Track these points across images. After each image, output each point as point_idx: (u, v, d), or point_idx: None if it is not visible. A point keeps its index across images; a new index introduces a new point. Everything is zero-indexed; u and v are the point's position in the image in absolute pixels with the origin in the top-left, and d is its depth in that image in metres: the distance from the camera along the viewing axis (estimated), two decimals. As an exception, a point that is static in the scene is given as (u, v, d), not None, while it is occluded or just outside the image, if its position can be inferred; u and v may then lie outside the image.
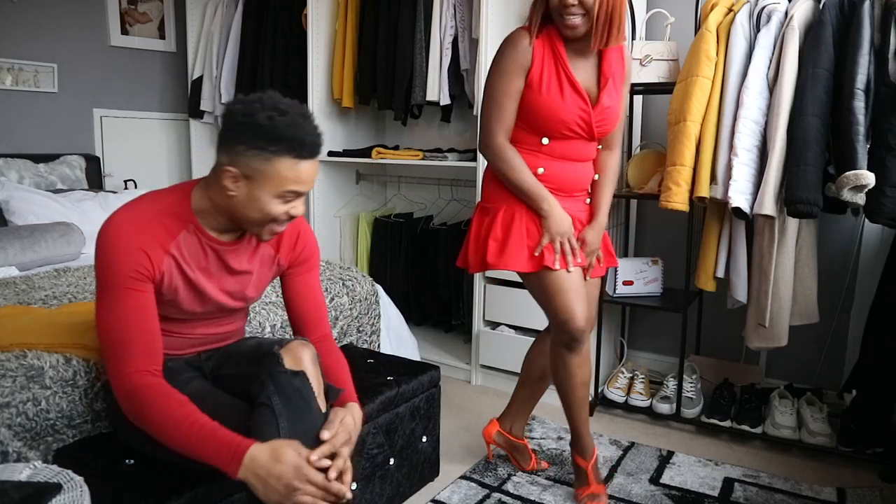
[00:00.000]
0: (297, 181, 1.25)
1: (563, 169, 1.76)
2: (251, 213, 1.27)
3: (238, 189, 1.25)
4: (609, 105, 1.74)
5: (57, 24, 3.31)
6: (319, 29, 3.14)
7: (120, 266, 1.23)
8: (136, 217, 1.27)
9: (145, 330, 1.26)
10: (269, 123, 1.20)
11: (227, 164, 1.24)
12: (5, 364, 1.40)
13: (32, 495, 1.01)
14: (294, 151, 1.22)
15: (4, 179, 2.88)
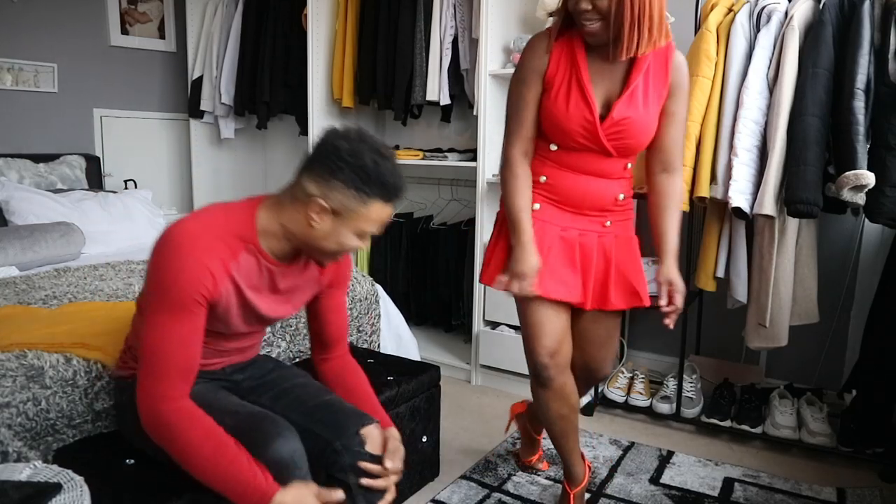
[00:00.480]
0: (379, 222, 1.27)
1: (571, 181, 1.61)
2: (327, 245, 1.27)
3: (322, 222, 1.24)
4: (627, 116, 1.52)
5: (57, 24, 3.31)
6: (319, 29, 3.14)
7: (185, 285, 1.19)
8: (206, 234, 1.23)
9: (189, 355, 1.23)
10: (374, 167, 1.20)
11: (317, 196, 1.22)
12: (5, 364, 1.40)
13: (32, 495, 1.01)
14: (389, 196, 1.24)
15: (4, 179, 2.88)
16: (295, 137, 3.80)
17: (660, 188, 1.66)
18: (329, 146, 1.22)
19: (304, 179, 1.24)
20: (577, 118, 1.53)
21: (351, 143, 1.21)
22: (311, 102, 3.17)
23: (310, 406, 1.40)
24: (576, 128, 1.54)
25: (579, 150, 1.58)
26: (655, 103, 1.56)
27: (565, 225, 1.64)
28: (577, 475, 1.83)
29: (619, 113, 1.53)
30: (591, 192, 1.62)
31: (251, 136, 3.98)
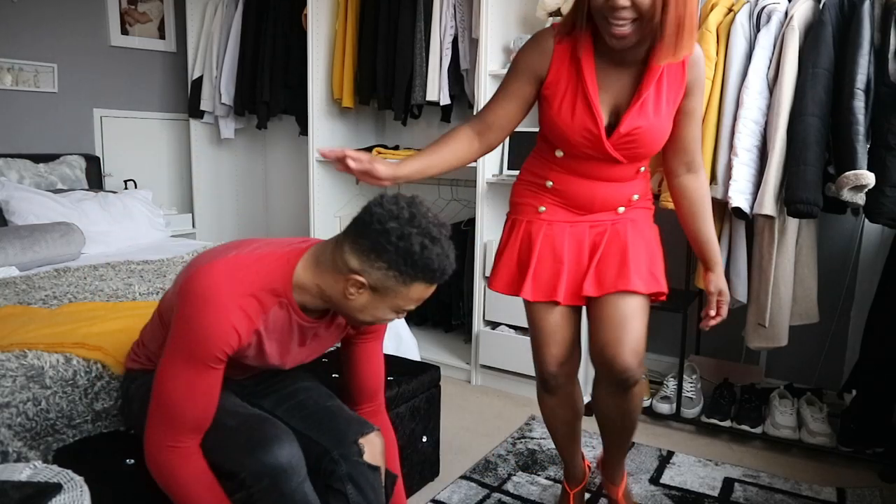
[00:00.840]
0: (419, 300, 1.22)
1: (579, 186, 1.51)
2: (362, 317, 1.23)
3: (359, 296, 1.19)
4: (638, 127, 1.40)
5: (57, 24, 3.31)
6: (319, 29, 3.14)
7: (210, 344, 1.16)
8: (238, 289, 1.19)
9: (204, 409, 1.22)
10: (421, 252, 1.13)
11: (357, 271, 1.16)
12: (5, 364, 1.40)
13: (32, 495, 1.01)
14: (431, 279, 1.18)
15: (4, 179, 2.88)
16: (295, 137, 3.80)
17: (689, 192, 1.57)
18: (377, 223, 1.14)
19: (347, 250, 1.17)
20: (581, 130, 1.42)
21: (401, 224, 1.13)
22: (311, 102, 3.17)
23: (311, 412, 1.38)
24: (580, 139, 1.43)
25: (586, 158, 1.47)
26: (670, 108, 1.44)
27: (574, 220, 1.54)
28: (578, 475, 1.83)
29: (629, 125, 1.41)
30: (601, 197, 1.51)
31: (251, 136, 3.98)
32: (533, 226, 1.56)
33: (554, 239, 1.53)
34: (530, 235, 1.56)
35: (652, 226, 1.60)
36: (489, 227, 2.83)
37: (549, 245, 1.54)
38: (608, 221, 1.54)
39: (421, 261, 1.14)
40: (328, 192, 3.33)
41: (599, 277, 1.51)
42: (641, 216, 1.57)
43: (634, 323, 1.48)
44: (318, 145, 3.21)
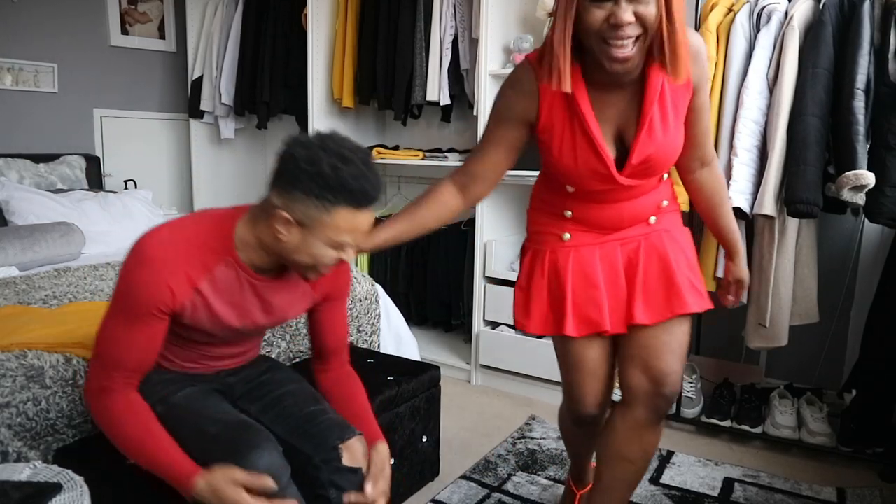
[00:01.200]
0: (353, 231, 1.19)
1: (602, 211, 1.37)
2: (301, 259, 1.22)
3: (290, 234, 1.19)
4: (649, 155, 1.27)
5: (57, 24, 3.31)
6: (319, 29, 3.14)
7: (143, 299, 1.20)
8: (174, 247, 1.21)
9: (140, 359, 1.25)
10: (333, 173, 1.13)
11: (280, 207, 1.17)
12: (5, 364, 1.40)
13: (32, 495, 1.01)
14: (355, 202, 1.16)
15: (4, 179, 2.88)
16: (295, 137, 3.79)
17: (706, 185, 1.45)
18: (287, 155, 1.18)
19: (271, 191, 1.20)
20: (588, 172, 1.29)
21: (309, 149, 1.15)
22: (311, 102, 3.17)
23: (295, 419, 1.38)
24: (589, 181, 1.31)
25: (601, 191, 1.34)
26: (678, 118, 1.30)
27: (603, 242, 1.39)
28: (586, 479, 1.76)
29: (640, 154, 1.27)
30: (629, 214, 1.37)
31: (251, 136, 3.98)
32: (559, 255, 1.40)
33: (584, 265, 1.39)
34: (556, 266, 1.40)
35: (683, 229, 1.46)
36: (489, 227, 2.83)
37: (581, 273, 1.38)
38: (640, 235, 1.39)
39: (335, 182, 1.13)
40: (328, 192, 3.32)
41: (649, 302, 1.36)
42: (673, 223, 1.43)
43: (685, 344, 1.40)
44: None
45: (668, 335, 1.36)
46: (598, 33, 1.13)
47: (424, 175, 3.36)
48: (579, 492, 1.77)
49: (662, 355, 1.37)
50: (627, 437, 1.45)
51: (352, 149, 1.17)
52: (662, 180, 1.40)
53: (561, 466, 2.13)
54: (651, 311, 1.36)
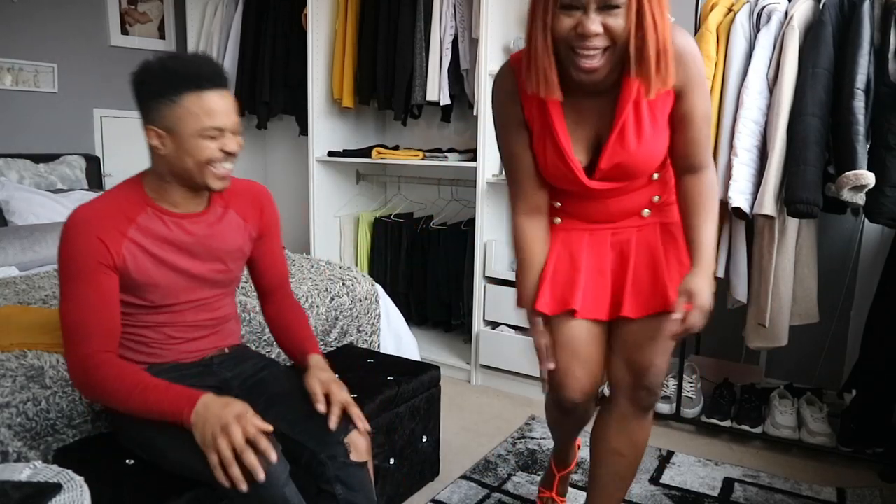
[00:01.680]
0: (209, 114, 1.26)
1: (589, 206, 1.39)
2: (188, 163, 1.30)
3: (165, 144, 1.29)
4: (619, 161, 1.27)
5: (57, 24, 3.31)
6: (319, 29, 3.14)
7: (78, 256, 1.27)
8: (92, 209, 1.30)
9: (104, 313, 1.29)
10: (162, 70, 1.26)
11: (146, 125, 1.30)
12: (5, 364, 1.40)
13: (32, 495, 1.01)
14: (195, 85, 1.25)
15: (4, 179, 2.88)
16: (295, 137, 3.80)
17: (684, 189, 1.37)
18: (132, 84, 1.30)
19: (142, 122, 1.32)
20: (557, 174, 1.32)
21: (139, 68, 1.29)
22: (311, 102, 3.17)
23: (298, 415, 1.39)
24: (561, 181, 1.34)
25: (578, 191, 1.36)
26: (656, 125, 1.27)
27: (594, 228, 1.40)
28: (567, 460, 1.75)
29: (609, 161, 1.27)
30: (617, 209, 1.38)
31: (251, 136, 3.97)
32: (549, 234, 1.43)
33: (571, 244, 1.40)
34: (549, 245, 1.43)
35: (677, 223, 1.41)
36: (489, 227, 2.83)
37: (566, 253, 1.40)
38: (633, 227, 1.39)
39: (168, 73, 1.26)
40: (328, 192, 3.33)
41: (637, 296, 1.37)
42: (667, 216, 1.42)
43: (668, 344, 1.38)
44: (317, 145, 3.21)
45: (651, 330, 1.36)
46: (566, 41, 1.13)
47: (424, 175, 3.36)
48: (559, 473, 1.76)
49: (644, 349, 1.38)
50: (615, 429, 1.47)
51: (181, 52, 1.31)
52: (652, 180, 1.37)
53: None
54: (638, 306, 1.36)
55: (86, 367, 1.27)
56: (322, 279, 2.24)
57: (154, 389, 1.24)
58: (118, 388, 1.25)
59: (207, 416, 1.18)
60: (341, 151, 3.22)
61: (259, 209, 1.52)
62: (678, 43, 1.22)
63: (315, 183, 3.24)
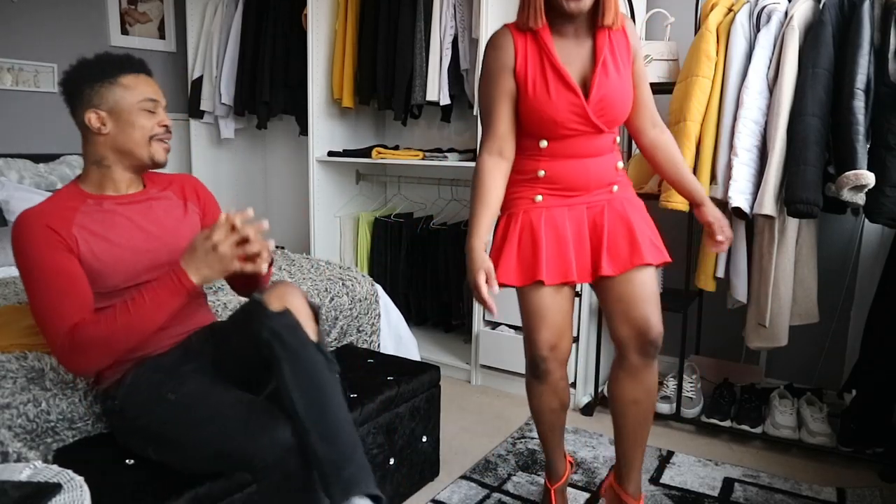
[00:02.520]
0: (146, 88, 1.44)
1: (569, 168, 1.57)
2: (132, 138, 1.41)
3: (108, 125, 1.40)
4: (606, 92, 1.51)
5: (57, 24, 3.31)
6: (319, 29, 3.14)
7: (32, 247, 1.30)
8: (35, 208, 1.36)
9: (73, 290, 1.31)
10: (97, 59, 1.43)
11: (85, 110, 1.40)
12: (6, 365, 1.40)
13: (32, 495, 1.01)
14: (129, 68, 1.44)
15: (4, 179, 2.88)
16: (295, 137, 3.80)
17: (660, 144, 1.69)
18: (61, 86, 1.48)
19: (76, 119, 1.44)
20: (563, 105, 1.50)
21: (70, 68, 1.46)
22: (311, 102, 3.17)
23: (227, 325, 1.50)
24: (566, 116, 1.51)
25: (571, 137, 1.54)
26: (626, 69, 1.56)
27: (572, 204, 1.60)
28: (559, 471, 1.82)
29: (600, 87, 1.51)
30: (594, 172, 1.59)
31: (251, 136, 3.98)
32: (532, 214, 1.60)
33: (555, 223, 1.59)
34: (531, 223, 1.59)
35: (640, 200, 1.69)
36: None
37: (553, 229, 1.59)
38: (604, 201, 1.61)
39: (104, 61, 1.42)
40: (328, 191, 3.33)
41: (614, 257, 1.58)
42: (632, 193, 1.68)
43: (655, 291, 1.61)
44: (317, 145, 3.21)
45: (637, 287, 1.58)
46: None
47: (424, 175, 3.36)
48: (553, 486, 1.82)
49: (638, 305, 1.58)
50: (629, 382, 1.65)
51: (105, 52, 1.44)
52: (615, 143, 1.63)
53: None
54: (615, 265, 1.58)
55: (70, 341, 1.28)
56: (322, 279, 2.24)
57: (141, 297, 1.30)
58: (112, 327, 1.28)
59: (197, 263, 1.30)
60: (341, 151, 3.22)
61: (194, 191, 1.61)
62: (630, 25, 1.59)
63: (315, 183, 3.24)
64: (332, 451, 1.24)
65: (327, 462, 1.23)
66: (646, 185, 2.50)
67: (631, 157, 2.63)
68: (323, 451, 1.24)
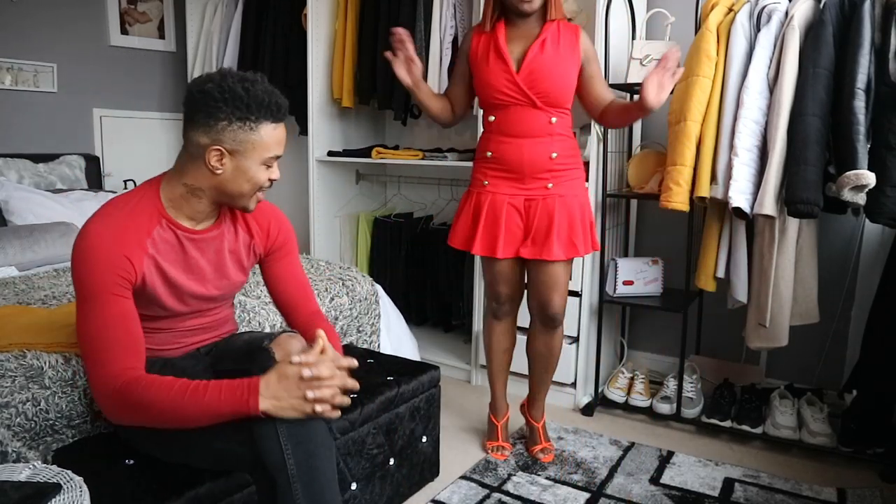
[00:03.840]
0: (277, 144, 1.30)
1: (511, 148, 1.95)
2: (240, 186, 1.30)
3: (225, 165, 1.27)
4: (537, 66, 1.87)
5: (57, 24, 3.31)
6: (319, 29, 3.14)
7: (102, 275, 1.22)
8: (111, 223, 1.26)
9: (128, 333, 1.24)
10: (247, 95, 1.23)
11: (210, 144, 1.25)
12: (5, 364, 1.40)
13: (32, 495, 1.01)
14: (272, 116, 1.27)
15: (4, 179, 2.88)
16: (295, 137, 3.79)
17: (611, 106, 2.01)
18: (199, 94, 1.24)
19: (192, 135, 1.27)
20: (497, 71, 1.90)
21: (216, 82, 1.23)
22: (310, 102, 3.17)
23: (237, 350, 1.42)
24: (499, 81, 1.90)
25: (509, 107, 1.92)
26: (567, 55, 1.91)
27: (513, 193, 1.98)
28: (502, 408, 2.28)
29: (532, 61, 1.89)
30: (527, 154, 1.93)
31: (251, 136, 3.97)
32: (481, 196, 2.03)
33: (496, 207, 2.00)
34: (479, 204, 2.03)
35: (577, 195, 2.00)
36: (489, 227, 2.82)
37: (492, 212, 2.00)
38: (539, 197, 1.97)
39: (253, 100, 1.23)
40: (328, 192, 3.32)
41: (532, 245, 1.99)
42: (568, 189, 1.98)
43: (560, 280, 2.03)
44: (317, 145, 3.21)
45: (543, 275, 2.03)
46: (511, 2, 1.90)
47: (424, 175, 3.36)
48: (499, 422, 2.26)
49: (543, 290, 2.05)
50: (534, 339, 2.17)
51: (251, 75, 1.26)
52: (552, 124, 1.93)
53: (561, 466, 2.13)
54: (530, 251, 1.99)
55: (117, 388, 1.19)
56: (322, 279, 2.23)
57: (204, 390, 1.16)
58: (162, 400, 1.16)
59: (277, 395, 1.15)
60: (341, 151, 3.22)
61: (266, 227, 1.49)
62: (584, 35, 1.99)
63: (315, 183, 3.24)
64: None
65: None
66: (646, 185, 2.50)
67: (631, 157, 2.63)
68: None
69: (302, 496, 1.17)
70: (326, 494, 1.20)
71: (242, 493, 1.38)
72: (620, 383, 2.60)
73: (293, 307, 1.53)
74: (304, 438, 1.19)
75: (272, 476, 1.19)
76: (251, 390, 1.15)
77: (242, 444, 1.24)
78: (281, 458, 1.17)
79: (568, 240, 1.97)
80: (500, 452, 2.21)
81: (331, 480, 1.22)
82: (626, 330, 2.95)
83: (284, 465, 1.17)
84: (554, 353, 2.16)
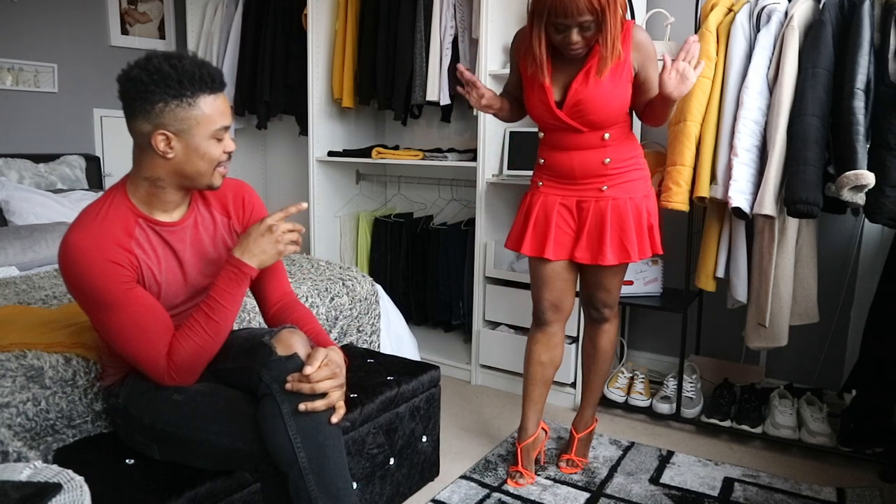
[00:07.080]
0: (221, 115, 1.28)
1: (560, 158, 1.90)
2: (196, 166, 1.29)
3: (174, 148, 1.26)
4: (582, 97, 1.78)
5: (57, 24, 3.31)
6: (319, 29, 3.14)
7: (104, 281, 1.24)
8: (93, 229, 1.27)
9: (155, 316, 1.30)
10: (175, 71, 1.21)
11: (153, 130, 1.24)
12: (5, 364, 1.40)
13: (32, 495, 1.01)
14: (208, 87, 1.25)
15: (4, 179, 2.88)
16: (295, 137, 3.80)
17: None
18: (128, 83, 1.23)
19: (134, 125, 1.26)
20: (536, 103, 1.86)
21: (142, 66, 1.22)
22: (311, 102, 3.17)
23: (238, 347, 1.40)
24: (539, 111, 1.86)
25: (555, 131, 1.88)
26: (616, 76, 1.78)
27: (565, 194, 1.93)
28: (529, 430, 2.07)
29: (575, 94, 1.79)
30: (577, 164, 1.88)
31: (251, 136, 3.98)
32: (534, 197, 1.99)
33: (547, 207, 1.95)
34: (531, 204, 1.99)
35: (634, 195, 1.90)
36: (489, 227, 2.83)
37: (543, 212, 1.95)
38: (592, 199, 1.91)
39: (183, 76, 1.21)
40: (328, 192, 3.33)
41: (585, 249, 1.92)
42: (622, 192, 1.89)
43: (612, 283, 2.01)
44: (317, 145, 3.21)
45: (597, 279, 1.99)
46: (559, 46, 1.77)
47: (424, 175, 3.36)
48: (520, 444, 2.07)
49: (595, 291, 2.03)
50: (589, 333, 2.15)
51: (176, 52, 1.26)
52: (605, 140, 1.85)
53: (558, 467, 2.13)
54: (585, 256, 1.92)
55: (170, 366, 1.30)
56: (322, 279, 2.24)
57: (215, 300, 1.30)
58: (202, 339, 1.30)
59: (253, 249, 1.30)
60: (341, 151, 3.22)
61: (240, 204, 1.50)
62: (637, 37, 1.81)
63: (315, 183, 3.24)
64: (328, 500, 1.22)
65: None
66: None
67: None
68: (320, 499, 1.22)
69: (315, 486, 1.21)
70: (339, 482, 1.23)
71: (242, 493, 1.39)
72: (620, 383, 2.60)
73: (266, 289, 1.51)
74: (313, 431, 1.22)
75: (283, 471, 1.21)
76: (239, 264, 1.30)
77: (249, 442, 1.24)
78: (291, 453, 1.21)
79: (620, 244, 1.88)
80: (516, 480, 2.02)
81: (342, 468, 1.25)
82: (625, 330, 2.95)
83: (296, 459, 1.21)
84: (599, 351, 2.12)
